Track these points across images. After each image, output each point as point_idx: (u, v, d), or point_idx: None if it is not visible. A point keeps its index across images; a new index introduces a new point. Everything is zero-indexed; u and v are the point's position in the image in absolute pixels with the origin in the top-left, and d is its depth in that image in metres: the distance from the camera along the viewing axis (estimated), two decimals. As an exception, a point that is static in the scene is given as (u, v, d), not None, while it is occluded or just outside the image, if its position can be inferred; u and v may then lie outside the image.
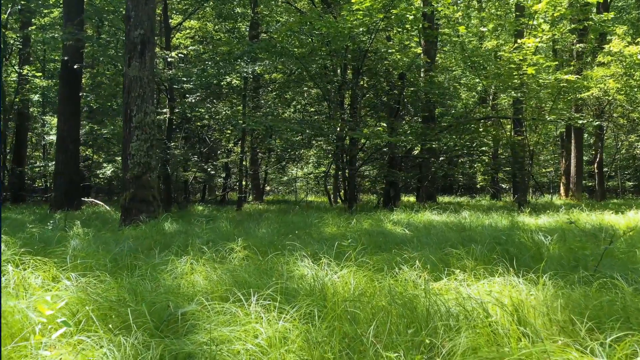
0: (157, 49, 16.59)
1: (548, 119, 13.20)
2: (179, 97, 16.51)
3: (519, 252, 6.86)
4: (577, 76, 12.87)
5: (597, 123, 14.08)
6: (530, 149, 13.83)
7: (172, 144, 16.48)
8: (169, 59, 14.97)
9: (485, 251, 6.16)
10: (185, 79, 15.69)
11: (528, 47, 12.60)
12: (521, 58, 12.95)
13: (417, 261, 5.51)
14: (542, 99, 13.53)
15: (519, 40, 12.81)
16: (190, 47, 16.02)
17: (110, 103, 18.47)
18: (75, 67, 14.71)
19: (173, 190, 18.43)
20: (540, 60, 12.80)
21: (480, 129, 15.32)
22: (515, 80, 13.15)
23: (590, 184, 26.08)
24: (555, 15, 13.12)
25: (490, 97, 22.30)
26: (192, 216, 12.45)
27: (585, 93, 14.14)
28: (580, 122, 13.48)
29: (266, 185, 29.31)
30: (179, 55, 14.86)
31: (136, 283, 4.52)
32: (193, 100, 15.11)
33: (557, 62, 14.57)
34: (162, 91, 16.99)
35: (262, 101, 20.00)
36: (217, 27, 21.25)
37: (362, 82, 17.96)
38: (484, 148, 22.43)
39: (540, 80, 12.96)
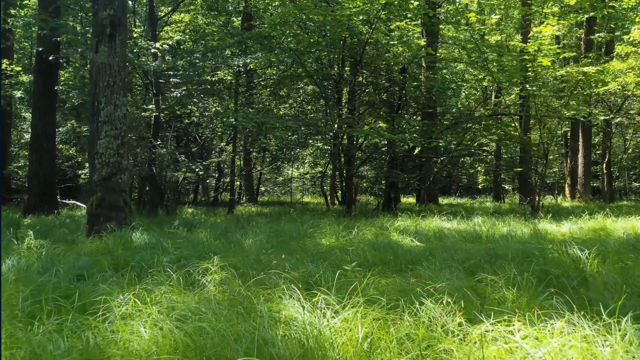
0: (142, 42, 15.11)
1: (566, 114, 11.80)
2: (168, 93, 15.01)
3: (562, 272, 5.43)
4: (598, 68, 11.45)
5: (619, 119, 12.70)
6: (545, 148, 12.42)
7: (159, 142, 14.97)
8: (153, 50, 13.46)
9: (529, 276, 4.70)
10: (171, 73, 14.19)
11: (544, 35, 11.16)
12: (536, 48, 11.52)
13: (443, 293, 4.07)
14: (557, 93, 12.14)
15: (534, 29, 11.39)
16: (176, 38, 14.48)
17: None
18: (50, 58, 13.21)
19: (163, 191, 16.91)
20: (557, 50, 11.39)
21: (490, 127, 13.86)
22: (530, 73, 11.72)
23: (594, 184, 24.69)
24: (571, 2, 11.70)
25: (494, 94, 20.88)
26: (174, 222, 10.97)
27: (601, 88, 12.74)
28: (602, 118, 12.07)
29: (261, 185, 27.81)
30: (164, 45, 13.35)
31: (49, 336, 3.06)
32: (178, 95, 13.59)
33: (575, 54, 13.17)
34: (147, 86, 15.49)
35: (256, 98, 18.53)
36: (208, 20, 19.71)
37: (360, 79, 16.51)
38: (486, 148, 21.04)
39: (558, 73, 11.56)
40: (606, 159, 19.98)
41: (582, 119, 13.12)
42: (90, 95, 8.43)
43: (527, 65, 11.80)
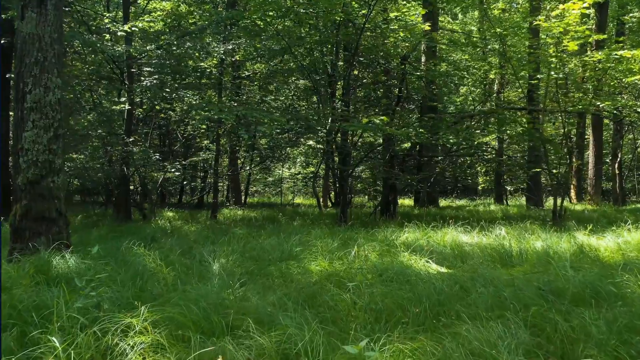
0: (111, 27, 12.99)
1: (600, 105, 9.90)
2: (139, 83, 12.91)
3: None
4: (634, 52, 9.55)
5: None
6: (571, 146, 10.53)
7: (132, 139, 12.87)
8: (120, 33, 11.39)
9: None
10: (144, 61, 12.16)
11: (572, 14, 9.25)
12: (561, 30, 9.60)
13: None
14: (583, 83, 10.28)
15: (560, 6, 9.48)
16: (147, 19, 12.40)
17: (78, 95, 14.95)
18: (2, 42, 11.13)
19: (144, 193, 14.84)
20: (587, 32, 9.50)
21: (504, 121, 11.89)
22: (553, 59, 9.83)
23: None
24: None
25: (496, 87, 18.95)
26: (138, 232, 8.93)
27: (631, 77, 10.83)
28: (640, 110, 10.21)
29: (250, 186, 25.72)
30: (133, 28, 11.26)
31: None
32: (149, 84, 11.52)
33: (605, 36, 11.29)
34: (119, 76, 13.39)
35: (243, 92, 16.49)
36: (192, 8, 17.60)
37: (356, 72, 14.54)
38: (487, 147, 19.13)
39: (586, 58, 9.69)
40: (618, 159, 18.10)
41: (615, 113, 11.21)
42: (15, 75, 6.38)
43: (550, 50, 9.90)
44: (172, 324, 3.43)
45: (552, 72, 9.66)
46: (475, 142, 13.54)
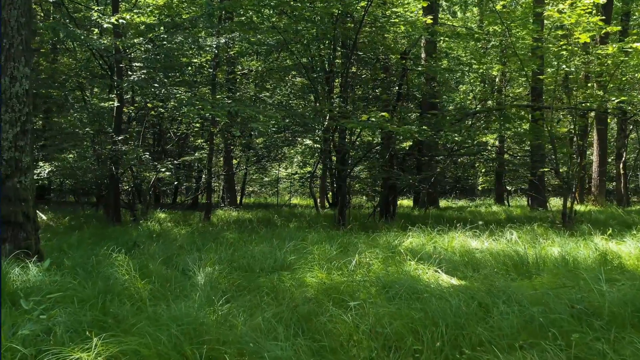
0: (98, 19, 12.28)
1: (616, 101, 9.27)
2: (126, 77, 12.22)
3: None
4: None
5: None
6: (582, 144, 9.89)
7: (121, 137, 12.16)
8: (106, 25, 10.68)
9: None
10: (132, 55, 11.47)
11: (586, 3, 8.62)
12: (573, 21, 8.96)
13: None
14: (588, 80, 9.68)
15: (571, -5, 8.83)
16: (136, 12, 11.71)
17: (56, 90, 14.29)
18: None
19: (140, 193, 14.14)
20: (600, 23, 8.87)
21: (511, 118, 11.26)
22: (564, 52, 9.20)
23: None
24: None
25: (497, 84, 18.31)
26: (122, 236, 8.24)
27: (642, 72, 10.24)
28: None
29: (246, 186, 25.03)
30: (120, 20, 10.56)
31: None
32: (136, 79, 10.82)
33: (619, 28, 10.66)
34: (107, 72, 12.70)
35: (238, 89, 15.80)
36: (185, 4, 16.88)
37: (354, 69, 13.88)
38: (489, 147, 18.53)
39: (600, 51, 9.07)
40: (622, 159, 17.47)
41: (627, 110, 10.59)
42: (-22, 64, 5.69)
43: (561, 43, 9.27)
44: (134, 359, 2.75)
45: (564, 66, 9.02)
46: (476, 141, 12.91)
